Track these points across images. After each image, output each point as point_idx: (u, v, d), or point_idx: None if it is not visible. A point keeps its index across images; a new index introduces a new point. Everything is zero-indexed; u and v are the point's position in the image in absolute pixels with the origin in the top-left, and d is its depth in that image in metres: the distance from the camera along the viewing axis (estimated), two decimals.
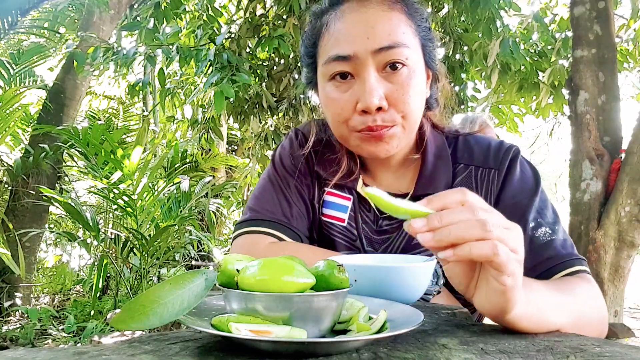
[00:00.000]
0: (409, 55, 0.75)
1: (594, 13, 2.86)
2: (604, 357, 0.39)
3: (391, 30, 0.75)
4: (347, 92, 0.77)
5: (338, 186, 0.90)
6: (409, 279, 0.63)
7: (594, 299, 0.70)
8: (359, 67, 0.75)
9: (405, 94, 0.75)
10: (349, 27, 0.76)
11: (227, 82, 2.77)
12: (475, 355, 0.39)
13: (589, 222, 2.75)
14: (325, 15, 0.82)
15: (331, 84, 0.79)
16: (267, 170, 0.96)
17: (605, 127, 2.79)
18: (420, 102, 0.80)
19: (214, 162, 5.58)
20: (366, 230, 0.88)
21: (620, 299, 2.77)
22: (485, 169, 0.86)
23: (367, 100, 0.73)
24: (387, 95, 0.75)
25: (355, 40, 0.75)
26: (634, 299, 6.16)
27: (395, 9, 0.77)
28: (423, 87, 0.80)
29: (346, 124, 0.79)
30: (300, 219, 0.90)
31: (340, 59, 0.76)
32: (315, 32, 0.83)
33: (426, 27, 0.82)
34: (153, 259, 4.09)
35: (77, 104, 5.07)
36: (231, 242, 0.92)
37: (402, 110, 0.76)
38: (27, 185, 4.40)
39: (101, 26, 5.09)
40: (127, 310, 0.41)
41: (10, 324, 3.99)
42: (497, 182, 0.84)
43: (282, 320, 0.42)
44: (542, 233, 0.78)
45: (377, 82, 0.74)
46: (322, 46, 0.81)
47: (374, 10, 0.76)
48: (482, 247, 0.44)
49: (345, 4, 0.79)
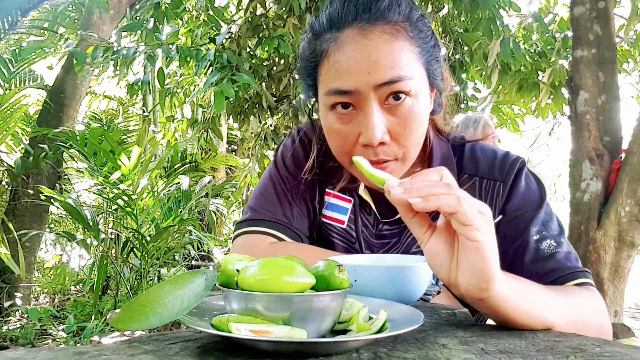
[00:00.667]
0: (412, 86, 0.73)
1: (594, 13, 2.86)
2: (604, 357, 0.39)
3: (394, 63, 0.71)
4: (350, 123, 0.75)
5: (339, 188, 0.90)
6: (409, 279, 0.63)
7: (594, 306, 0.70)
8: (361, 101, 0.73)
9: (408, 128, 0.74)
10: (350, 60, 0.72)
11: (227, 82, 2.77)
12: (475, 355, 0.39)
13: (589, 222, 2.75)
14: (325, 39, 0.77)
15: (333, 114, 0.77)
16: (268, 170, 0.95)
17: (605, 127, 2.79)
18: (423, 127, 0.78)
19: (214, 162, 5.58)
20: (365, 234, 0.88)
21: (620, 299, 2.77)
22: (490, 181, 0.85)
23: (369, 136, 0.72)
24: (390, 129, 0.74)
25: (356, 75, 0.72)
26: (634, 299, 6.16)
27: (399, 37, 0.73)
28: (427, 109, 0.78)
29: (347, 155, 0.78)
30: (300, 219, 0.89)
31: (342, 93, 0.74)
32: (316, 57, 0.79)
33: (431, 46, 0.78)
34: (153, 259, 4.09)
35: (77, 104, 5.07)
36: (231, 241, 0.91)
37: (404, 144, 0.75)
38: (27, 185, 4.40)
39: (101, 26, 5.09)
40: (127, 310, 0.41)
41: (10, 324, 3.99)
42: (502, 194, 0.84)
43: (282, 320, 0.42)
44: (547, 245, 0.77)
45: (380, 117, 0.73)
46: (323, 74, 0.77)
47: (375, 42, 0.72)
48: (447, 198, 0.48)
49: (346, 32, 0.74)
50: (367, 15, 0.72)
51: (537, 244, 0.77)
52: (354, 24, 0.73)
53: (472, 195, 0.82)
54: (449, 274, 0.52)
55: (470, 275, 0.50)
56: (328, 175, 0.90)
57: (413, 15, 0.75)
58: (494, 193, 0.84)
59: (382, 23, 0.72)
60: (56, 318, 4.02)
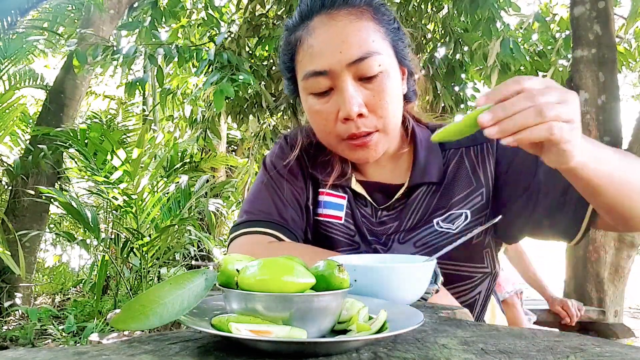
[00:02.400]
0: (382, 61, 0.79)
1: (594, 13, 2.86)
2: (604, 357, 0.39)
3: (362, 41, 0.78)
4: (328, 103, 0.81)
5: (332, 186, 0.92)
6: (408, 279, 0.63)
7: None
8: (336, 80, 0.79)
9: (383, 100, 0.79)
10: (321, 43, 0.79)
11: (227, 82, 2.77)
12: (475, 355, 0.39)
13: None
14: (297, 30, 0.84)
15: (312, 97, 0.82)
16: (259, 176, 0.98)
17: (605, 127, 2.79)
18: (398, 102, 0.83)
19: (213, 162, 5.58)
20: (367, 224, 0.90)
21: (620, 299, 2.77)
22: (476, 146, 0.90)
23: (347, 109, 0.77)
24: (366, 102, 0.79)
25: (328, 55, 0.78)
26: (634, 299, 6.16)
27: (363, 18, 0.80)
28: (399, 87, 0.84)
29: (332, 134, 0.83)
30: (296, 220, 0.91)
31: (317, 74, 0.79)
32: (291, 47, 0.86)
33: (395, 28, 0.85)
34: (153, 259, 4.09)
35: (77, 104, 5.07)
36: (228, 243, 0.92)
37: (381, 115, 0.80)
38: (26, 185, 4.40)
39: (101, 26, 5.09)
40: (127, 310, 0.41)
41: (10, 324, 3.99)
42: (492, 151, 0.88)
43: (282, 320, 0.42)
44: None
45: (355, 91, 0.78)
46: (299, 62, 0.84)
47: (343, 23, 0.79)
48: (539, 130, 0.51)
49: (315, 18, 0.81)
50: (331, 1, 0.80)
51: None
52: (322, 11, 0.81)
53: (461, 165, 0.89)
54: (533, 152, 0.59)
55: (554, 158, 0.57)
56: (320, 171, 0.94)
57: (374, 1, 0.83)
58: (483, 154, 0.89)
59: (346, 7, 0.80)
60: (56, 318, 4.02)
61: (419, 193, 0.89)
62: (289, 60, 0.87)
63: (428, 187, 0.89)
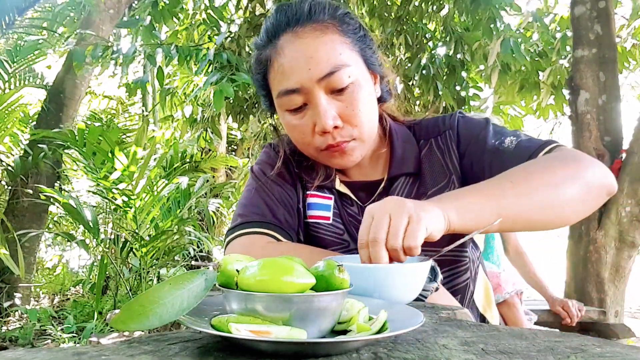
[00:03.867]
0: (350, 72, 0.81)
1: (595, 13, 2.86)
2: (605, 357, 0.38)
3: (329, 55, 0.80)
4: (304, 118, 0.84)
5: (318, 188, 0.95)
6: (403, 280, 0.63)
7: (557, 157, 0.76)
8: (309, 96, 0.81)
9: (356, 109, 0.82)
10: (290, 61, 0.81)
11: (227, 82, 2.77)
12: (475, 355, 0.39)
13: (590, 222, 2.75)
14: (266, 48, 0.86)
15: (288, 113, 0.85)
16: (248, 183, 0.99)
17: (605, 127, 2.79)
18: (372, 108, 0.86)
19: (213, 163, 5.57)
20: (354, 223, 0.92)
21: (621, 299, 2.77)
22: (440, 135, 0.95)
23: (322, 123, 0.80)
24: (340, 113, 0.82)
25: (298, 73, 0.80)
26: (635, 299, 6.15)
27: (328, 32, 0.81)
28: (372, 93, 0.86)
29: (311, 145, 0.86)
30: (289, 221, 0.92)
31: (290, 92, 0.82)
32: (262, 66, 0.88)
33: (361, 36, 0.86)
34: (153, 260, 4.08)
35: (77, 104, 5.07)
36: (224, 246, 0.92)
37: (356, 124, 0.83)
38: (26, 185, 4.40)
39: (101, 26, 5.08)
40: (126, 311, 0.41)
41: (9, 324, 3.99)
42: (453, 137, 0.93)
43: (282, 321, 0.42)
44: (509, 142, 0.85)
45: (328, 104, 0.80)
46: (271, 80, 0.86)
47: (309, 39, 0.80)
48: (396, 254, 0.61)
49: (282, 37, 0.83)
50: (296, 19, 0.82)
51: (501, 145, 0.85)
52: (288, 30, 0.83)
53: (431, 154, 0.94)
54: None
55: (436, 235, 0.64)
56: (306, 174, 0.97)
57: (338, 13, 0.84)
58: (447, 142, 0.93)
59: (311, 23, 0.82)
60: (55, 318, 4.02)
61: (398, 184, 0.92)
62: (261, 79, 0.89)
63: (406, 178, 0.92)
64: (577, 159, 0.75)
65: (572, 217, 0.74)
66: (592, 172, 0.74)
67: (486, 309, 1.06)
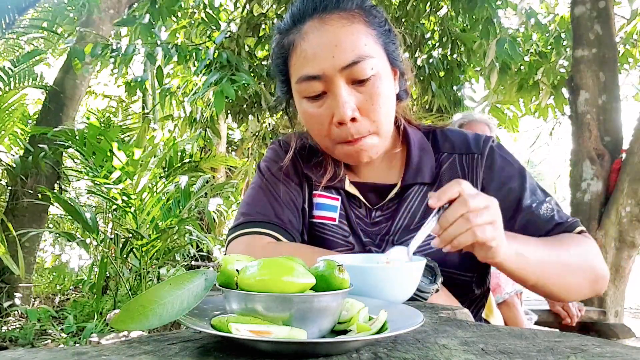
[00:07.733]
0: (374, 64, 0.79)
1: (595, 13, 2.86)
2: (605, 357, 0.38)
3: (354, 45, 0.79)
4: (322, 106, 0.82)
5: (325, 188, 0.93)
6: (401, 279, 0.63)
7: (587, 250, 0.83)
8: (330, 84, 0.80)
9: (376, 103, 0.81)
10: (314, 48, 0.80)
11: (227, 82, 2.77)
12: (475, 355, 0.39)
13: (590, 222, 2.75)
14: (290, 33, 0.84)
15: (306, 101, 0.84)
16: (254, 180, 0.98)
17: (605, 127, 2.78)
18: (391, 104, 0.85)
19: (213, 162, 5.56)
20: (361, 225, 0.91)
21: (621, 299, 2.77)
22: (468, 155, 0.92)
23: (341, 114, 0.79)
24: (359, 106, 0.80)
25: (321, 60, 0.79)
26: (635, 299, 6.15)
27: (354, 21, 0.80)
28: (392, 88, 0.85)
29: (327, 137, 0.84)
30: (292, 221, 0.91)
31: (311, 79, 0.80)
32: (284, 51, 0.86)
33: (386, 30, 0.86)
34: (153, 259, 4.08)
35: (77, 103, 5.06)
36: (225, 246, 0.92)
37: (374, 119, 0.82)
38: (26, 185, 4.40)
39: (101, 26, 5.08)
40: (126, 311, 0.41)
41: (9, 324, 3.99)
42: (481, 164, 0.91)
43: (282, 321, 0.42)
44: (545, 209, 0.88)
45: (348, 95, 0.79)
46: (292, 65, 0.85)
47: (335, 27, 0.79)
48: (466, 236, 0.64)
49: (308, 22, 0.82)
50: (324, 5, 0.81)
51: (537, 211, 0.87)
52: (314, 15, 0.81)
53: (453, 170, 0.92)
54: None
55: (481, 255, 0.68)
56: (314, 172, 0.95)
57: (365, 4, 0.84)
58: (473, 165, 0.91)
59: (338, 11, 0.81)
60: (55, 318, 4.02)
61: (411, 192, 0.90)
62: (282, 64, 0.88)
63: (420, 187, 0.90)
64: (599, 259, 0.85)
65: (563, 298, 0.86)
66: (602, 277, 0.84)
67: (489, 315, 1.07)
